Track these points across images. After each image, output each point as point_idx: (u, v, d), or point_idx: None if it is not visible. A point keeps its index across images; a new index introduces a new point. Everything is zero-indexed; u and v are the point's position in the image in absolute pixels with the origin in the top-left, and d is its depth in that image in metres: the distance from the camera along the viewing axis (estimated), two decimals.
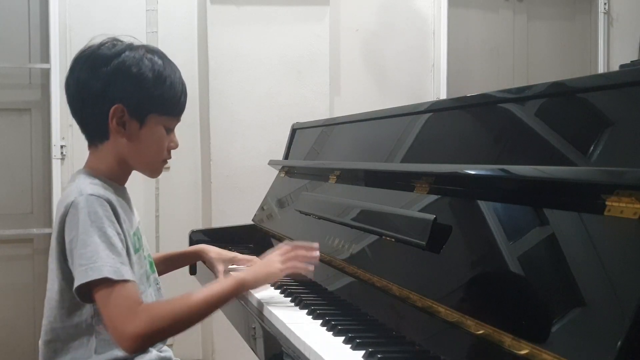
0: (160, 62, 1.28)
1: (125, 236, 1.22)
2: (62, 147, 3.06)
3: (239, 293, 1.31)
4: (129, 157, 1.29)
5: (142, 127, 1.27)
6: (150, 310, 1.15)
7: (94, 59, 1.25)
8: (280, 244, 1.45)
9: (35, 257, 3.14)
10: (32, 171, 3.13)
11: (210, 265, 1.75)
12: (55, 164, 3.06)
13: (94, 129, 1.28)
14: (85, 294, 1.17)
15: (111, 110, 1.24)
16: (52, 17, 3.04)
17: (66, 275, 1.20)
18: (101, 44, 1.27)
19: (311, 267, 1.40)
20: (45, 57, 3.08)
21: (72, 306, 1.21)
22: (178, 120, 1.34)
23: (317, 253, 1.42)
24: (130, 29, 2.91)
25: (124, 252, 1.18)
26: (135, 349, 1.14)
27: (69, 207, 1.17)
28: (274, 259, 1.38)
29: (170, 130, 1.32)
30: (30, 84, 3.13)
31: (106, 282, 1.12)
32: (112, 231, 1.17)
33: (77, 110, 1.29)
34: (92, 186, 1.21)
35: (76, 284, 1.14)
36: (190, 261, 1.84)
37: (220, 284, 1.27)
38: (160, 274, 1.69)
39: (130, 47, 1.27)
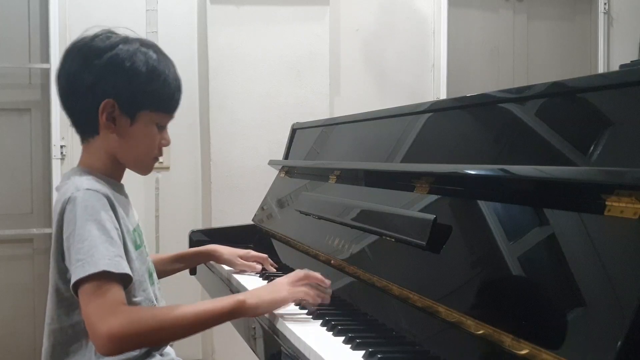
0: (154, 56, 1.25)
1: (122, 232, 1.19)
2: (62, 147, 3.06)
3: (236, 316, 1.21)
4: (118, 154, 1.26)
5: (133, 124, 1.24)
6: (130, 311, 1.09)
7: (87, 51, 1.22)
8: (295, 272, 1.33)
9: (35, 257, 3.14)
10: (32, 171, 3.13)
11: (226, 263, 1.76)
12: (55, 164, 3.06)
13: (84, 123, 1.25)
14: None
15: (101, 105, 1.21)
16: (52, 17, 3.04)
17: (62, 273, 1.17)
18: (95, 36, 1.24)
19: (321, 299, 1.29)
20: (45, 57, 3.08)
21: (69, 305, 1.18)
22: (171, 117, 1.30)
23: (329, 291, 1.32)
24: (130, 29, 2.93)
25: (122, 246, 1.15)
26: (108, 351, 1.07)
27: (66, 203, 1.15)
28: (283, 284, 1.27)
29: (162, 127, 1.29)
30: (30, 84, 3.13)
31: (99, 276, 1.08)
32: (110, 224, 1.14)
33: (67, 103, 1.26)
34: (88, 181, 1.19)
35: (74, 279, 1.09)
36: (202, 260, 1.82)
37: (216, 302, 1.20)
38: (171, 273, 1.68)
39: (125, 40, 1.24)
